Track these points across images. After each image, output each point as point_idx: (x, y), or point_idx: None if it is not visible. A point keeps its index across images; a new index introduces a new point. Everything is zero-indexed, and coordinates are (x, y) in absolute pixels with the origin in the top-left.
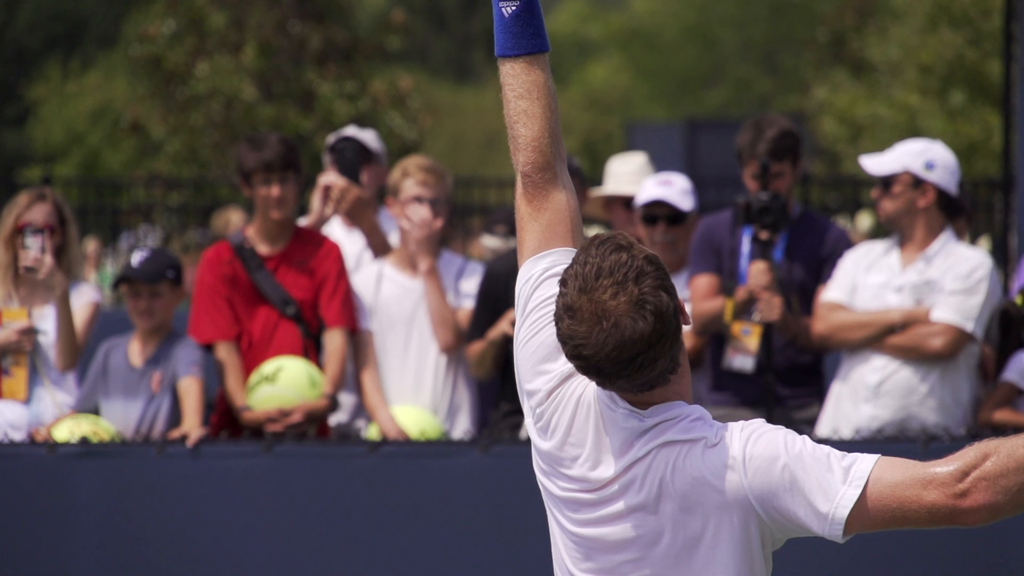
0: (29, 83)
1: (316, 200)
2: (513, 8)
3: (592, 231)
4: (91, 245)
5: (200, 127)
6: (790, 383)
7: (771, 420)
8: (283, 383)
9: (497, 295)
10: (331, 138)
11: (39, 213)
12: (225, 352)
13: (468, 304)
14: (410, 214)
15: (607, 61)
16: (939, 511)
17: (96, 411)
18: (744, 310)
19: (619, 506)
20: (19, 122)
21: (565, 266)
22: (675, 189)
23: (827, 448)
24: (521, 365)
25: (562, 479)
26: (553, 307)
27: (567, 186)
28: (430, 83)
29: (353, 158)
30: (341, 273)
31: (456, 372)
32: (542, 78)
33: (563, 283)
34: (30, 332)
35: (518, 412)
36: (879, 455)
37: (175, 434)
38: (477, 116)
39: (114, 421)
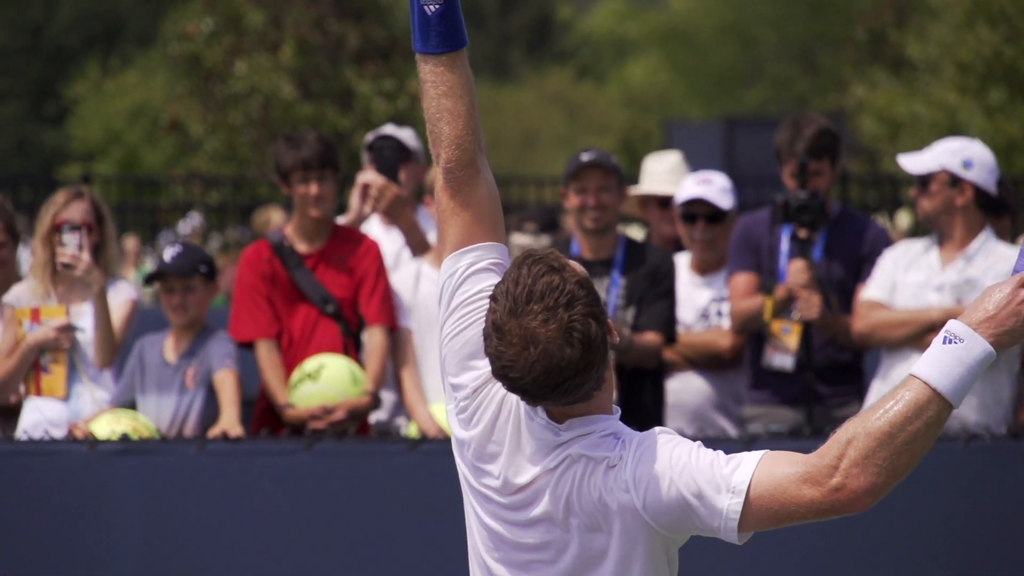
0: (68, 82)
1: (355, 198)
2: (437, 7)
3: (631, 230)
4: (130, 243)
5: (238, 125)
6: (830, 381)
7: (811, 419)
8: (325, 380)
9: None
10: (369, 136)
11: (76, 211)
12: (265, 350)
13: None
14: None
15: (645, 60)
16: (821, 507)
17: (133, 407)
18: (783, 308)
19: (528, 513)
20: (58, 120)
21: (490, 261)
22: (714, 187)
23: (712, 456)
24: (447, 358)
25: (479, 473)
26: (480, 303)
27: (488, 180)
28: None
29: (391, 156)
30: (380, 271)
31: None
32: (464, 74)
33: (493, 299)
34: (68, 329)
35: None
36: (764, 452)
37: (214, 431)
38: (515, 114)
39: (149, 416)
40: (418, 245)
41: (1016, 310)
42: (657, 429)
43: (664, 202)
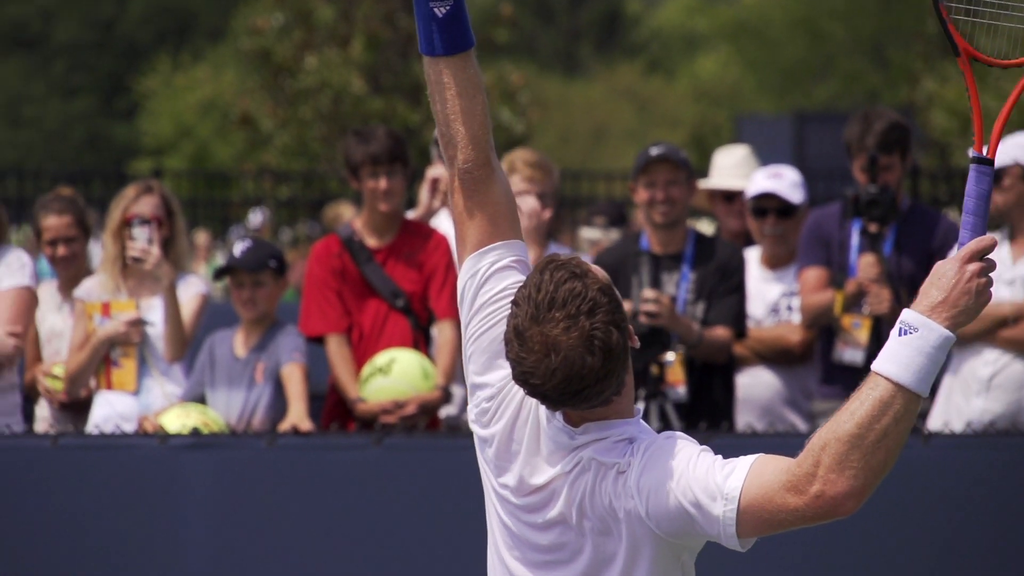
0: (139, 77)
1: (424, 193)
2: (447, 8)
3: (700, 225)
4: (201, 238)
5: (309, 120)
6: None
7: None
8: (396, 375)
9: None
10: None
11: (146, 205)
12: (336, 345)
13: None
14: (519, 203)
15: (715, 54)
16: (807, 514)
17: (202, 402)
18: (854, 303)
19: (544, 515)
20: (129, 115)
21: (511, 258)
22: (785, 182)
23: (709, 462)
24: (473, 358)
25: (499, 472)
26: (504, 301)
27: (502, 178)
28: (538, 76)
29: None
30: (450, 265)
31: None
32: (476, 73)
33: (515, 304)
34: (138, 324)
35: None
36: (757, 457)
37: (284, 425)
38: (585, 109)
39: (218, 411)
40: None
41: (966, 288)
42: (665, 434)
43: (730, 196)
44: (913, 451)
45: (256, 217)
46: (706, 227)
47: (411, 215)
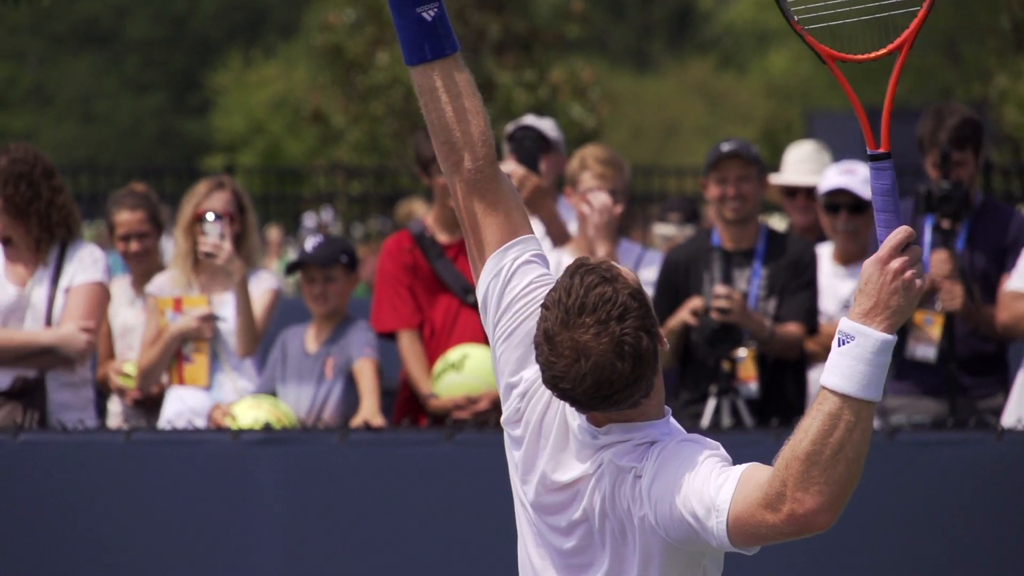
0: (211, 73)
1: None
2: (434, 12)
3: (773, 221)
4: (272, 233)
5: (380, 116)
6: (973, 372)
7: (954, 410)
8: (469, 371)
9: (677, 283)
10: (510, 127)
11: (218, 201)
12: (408, 341)
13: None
14: (590, 199)
15: (787, 49)
16: (784, 530)
17: (274, 396)
18: (926, 299)
19: (568, 516)
20: (201, 111)
21: (532, 253)
22: (858, 178)
23: (708, 470)
24: (503, 358)
25: (526, 471)
26: (532, 295)
27: (506, 176)
28: (609, 72)
29: (532, 147)
30: None
31: None
32: (468, 74)
33: (545, 307)
34: (210, 319)
35: (698, 401)
36: (744, 469)
37: (356, 421)
38: (656, 105)
39: (288, 405)
40: (559, 235)
41: (893, 288)
42: (679, 438)
43: (793, 191)
44: (986, 447)
45: (322, 216)
46: (778, 223)
47: None
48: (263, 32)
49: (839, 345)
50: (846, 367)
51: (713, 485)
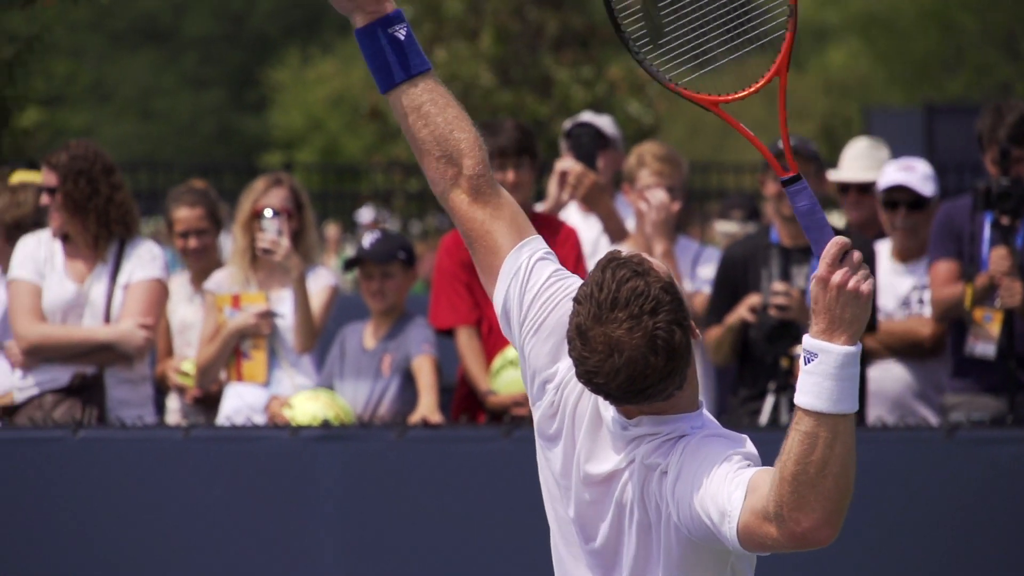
0: (269, 70)
1: (553, 186)
2: (405, 30)
3: (831, 217)
4: (331, 230)
5: None
6: None
7: (1013, 407)
8: None
9: (735, 280)
10: (568, 124)
11: (275, 197)
12: (466, 337)
13: (705, 290)
14: (648, 196)
15: (846, 46)
16: (788, 546)
17: None
18: (985, 296)
19: (600, 510)
20: (259, 108)
21: (544, 251)
22: (917, 175)
23: (724, 473)
24: (534, 353)
25: (565, 466)
26: (556, 286)
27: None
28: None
29: (590, 144)
30: (579, 258)
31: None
32: (446, 87)
33: (577, 301)
34: (268, 315)
35: (757, 398)
36: (751, 476)
37: (414, 418)
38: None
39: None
40: (616, 232)
41: (843, 301)
42: (703, 435)
43: (845, 188)
44: None
45: (366, 214)
46: (837, 219)
47: (540, 208)
48: (321, 29)
49: (805, 363)
50: (814, 385)
51: (727, 489)
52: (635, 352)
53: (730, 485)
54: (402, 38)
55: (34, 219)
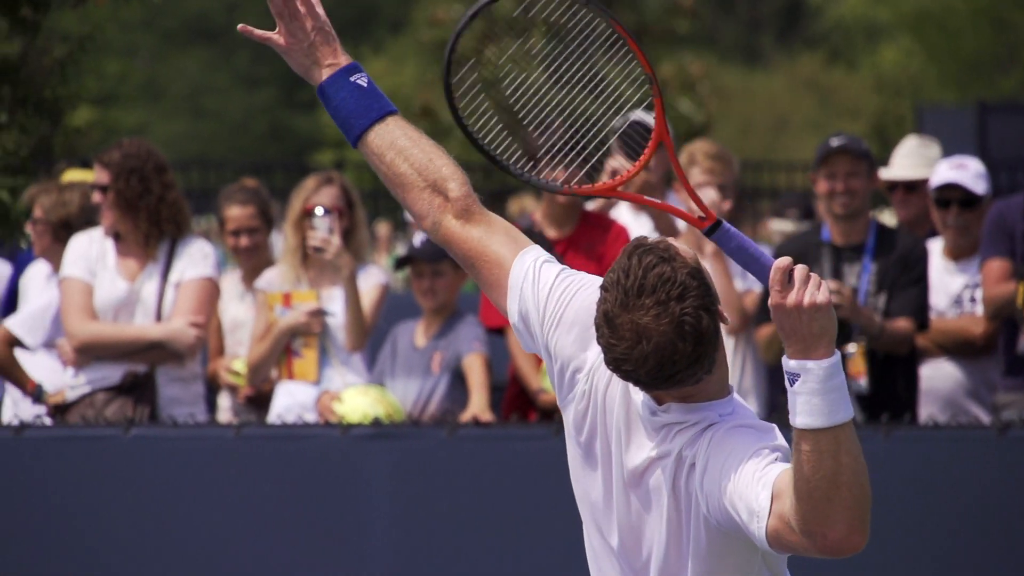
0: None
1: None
2: (366, 78)
3: (883, 216)
4: (382, 229)
5: None
6: None
7: None
8: None
9: None
10: (618, 122)
11: (326, 196)
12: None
13: (756, 288)
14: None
15: (897, 44)
16: (818, 555)
17: None
18: None
19: (633, 496)
20: (310, 107)
21: (545, 256)
22: (969, 173)
23: (752, 469)
24: (562, 344)
25: (587, 451)
26: (568, 281)
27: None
28: (719, 67)
29: (640, 141)
30: None
31: (745, 356)
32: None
33: (604, 289)
34: (319, 314)
35: None
36: (776, 477)
37: (465, 416)
38: (766, 100)
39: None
40: (667, 231)
41: (806, 319)
42: (730, 425)
43: (894, 185)
44: None
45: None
46: (888, 218)
47: (591, 206)
48: (371, 28)
49: (790, 384)
50: (804, 403)
51: (755, 489)
52: (663, 339)
53: (758, 485)
54: (365, 85)
55: (80, 218)
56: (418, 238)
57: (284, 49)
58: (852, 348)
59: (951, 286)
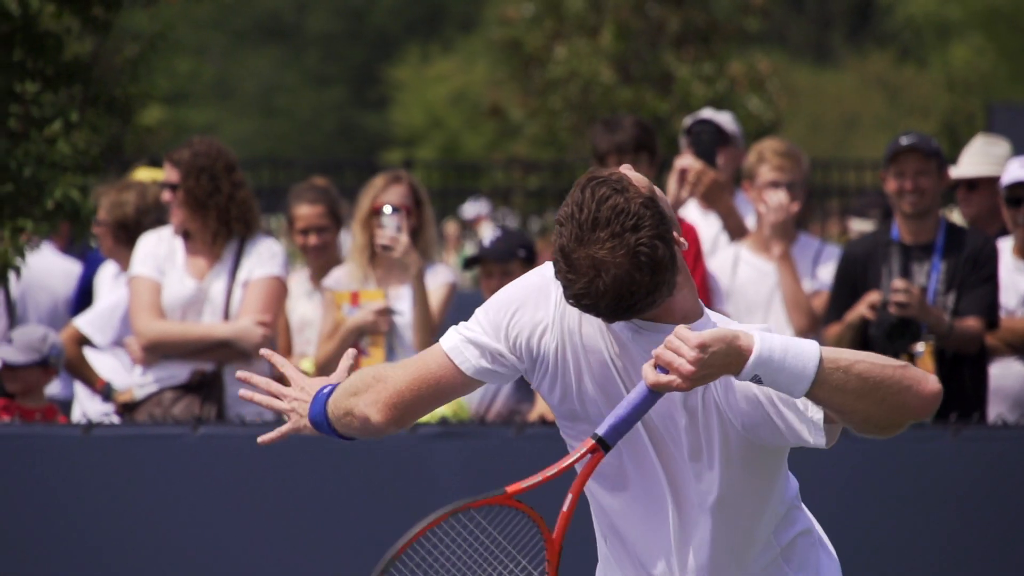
0: (389, 68)
1: (672, 183)
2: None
3: (953, 215)
4: (450, 227)
5: (558, 110)
6: None
7: None
8: None
9: (855, 277)
10: (688, 120)
11: (395, 194)
12: None
13: (825, 288)
14: (767, 198)
15: (968, 42)
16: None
17: None
18: None
19: (645, 424)
20: (380, 106)
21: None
22: None
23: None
24: (521, 325)
25: (585, 395)
26: (490, 302)
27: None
28: (788, 65)
29: (710, 141)
30: (698, 255)
31: None
32: None
33: (559, 223)
34: (387, 313)
35: None
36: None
37: (532, 415)
38: (836, 98)
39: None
40: (736, 229)
41: (706, 362)
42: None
43: (969, 184)
44: None
45: (475, 207)
46: (958, 217)
47: None
48: (442, 26)
49: (761, 383)
50: (785, 385)
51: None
52: (620, 271)
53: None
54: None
55: (134, 219)
56: (487, 238)
57: None
58: (921, 347)
59: (1020, 285)
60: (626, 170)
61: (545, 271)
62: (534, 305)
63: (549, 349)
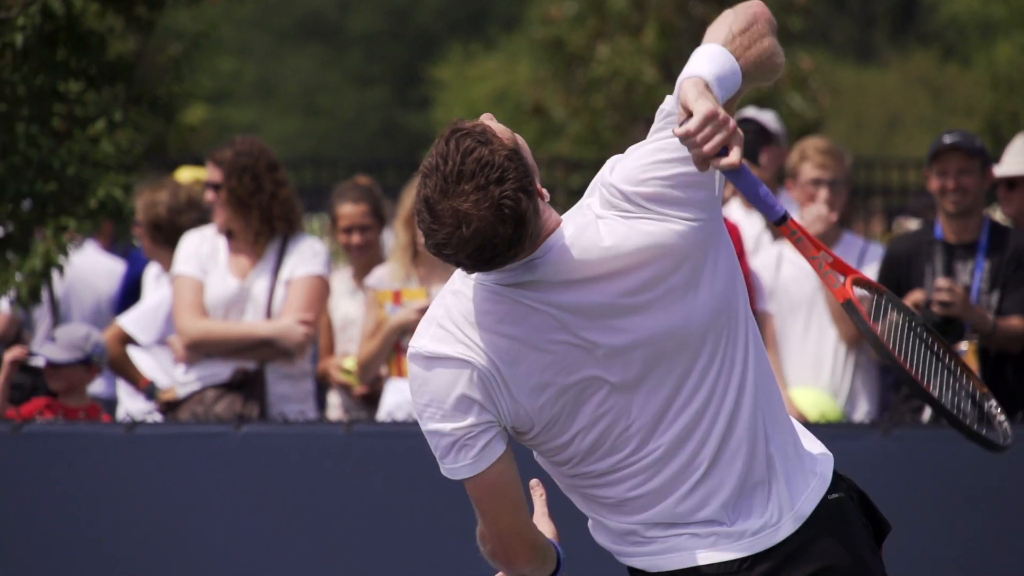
0: (432, 67)
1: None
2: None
3: (997, 214)
4: None
5: (601, 109)
6: None
7: None
8: None
9: (898, 276)
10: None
11: None
12: None
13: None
14: (806, 211)
15: (1012, 41)
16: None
17: None
18: None
19: (603, 332)
20: (423, 105)
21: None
22: None
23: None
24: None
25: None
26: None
27: None
28: (832, 64)
29: (752, 139)
30: (740, 254)
31: (857, 356)
32: None
33: (423, 175)
34: None
35: None
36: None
37: None
38: (879, 97)
39: None
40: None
41: (725, 113)
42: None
43: (1009, 183)
44: None
45: None
46: (1002, 216)
47: None
48: (484, 25)
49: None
50: (731, 84)
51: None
52: (483, 223)
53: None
54: None
55: (167, 219)
56: None
57: None
58: (964, 346)
59: None
60: (488, 120)
61: (431, 327)
62: (445, 362)
63: (488, 373)
